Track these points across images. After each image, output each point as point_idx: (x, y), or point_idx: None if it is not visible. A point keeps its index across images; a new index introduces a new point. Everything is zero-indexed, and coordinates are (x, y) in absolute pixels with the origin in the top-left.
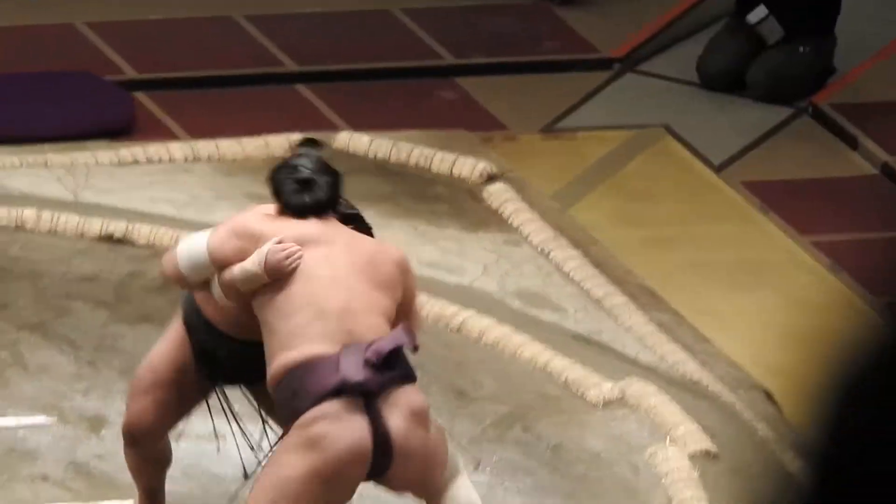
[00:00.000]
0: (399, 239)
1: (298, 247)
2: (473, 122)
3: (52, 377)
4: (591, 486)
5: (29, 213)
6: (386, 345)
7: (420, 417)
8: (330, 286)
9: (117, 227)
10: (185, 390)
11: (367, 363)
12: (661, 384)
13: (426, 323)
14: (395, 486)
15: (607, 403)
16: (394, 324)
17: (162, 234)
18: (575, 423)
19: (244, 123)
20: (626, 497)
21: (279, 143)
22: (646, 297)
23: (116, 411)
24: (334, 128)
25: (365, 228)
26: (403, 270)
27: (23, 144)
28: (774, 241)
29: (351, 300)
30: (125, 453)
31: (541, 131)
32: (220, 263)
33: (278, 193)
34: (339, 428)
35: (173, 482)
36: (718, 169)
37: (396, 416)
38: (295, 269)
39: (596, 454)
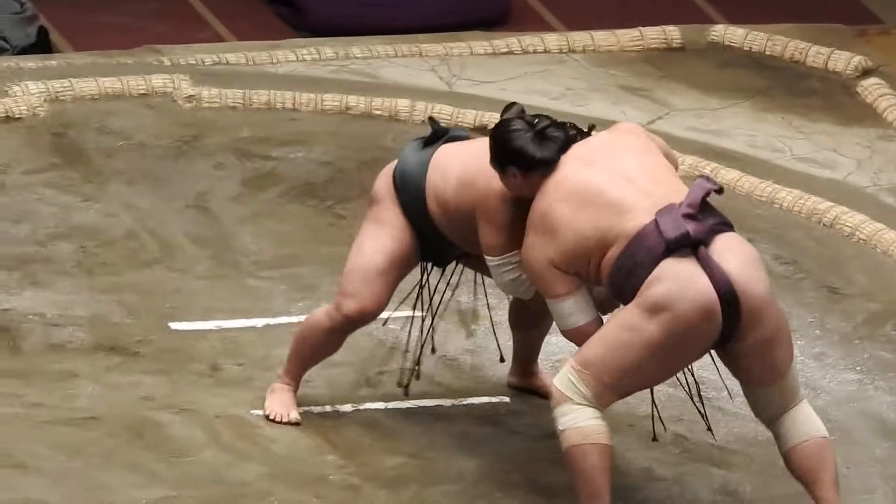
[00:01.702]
0: (772, 132)
1: None
2: (849, 16)
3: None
4: None
5: (403, 104)
6: (697, 194)
7: (756, 260)
8: (610, 176)
9: (492, 118)
10: (406, 269)
11: (686, 216)
12: None
13: (799, 218)
14: (748, 350)
15: None
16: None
17: None
18: None
19: (619, 15)
20: None
21: (654, 35)
22: None
23: (490, 306)
24: (710, 21)
25: None
26: (639, 130)
27: (397, 34)
28: None
29: (635, 175)
30: (328, 340)
31: None
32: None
33: (522, 155)
34: (679, 285)
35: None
36: None
37: (731, 259)
38: None
39: None
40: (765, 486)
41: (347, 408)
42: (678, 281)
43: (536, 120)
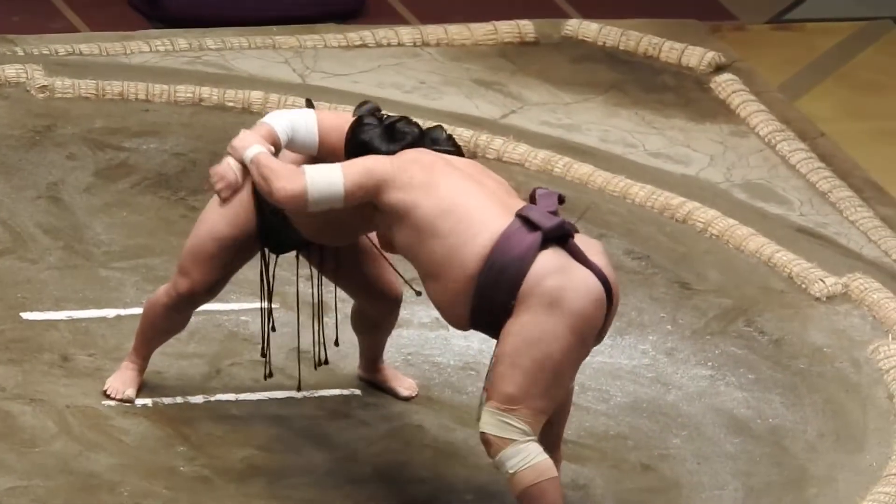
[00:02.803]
0: (625, 127)
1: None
2: (703, 12)
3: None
4: (813, 380)
5: (256, 96)
6: (553, 195)
7: (607, 257)
8: (467, 184)
9: (345, 110)
10: (242, 254)
11: (551, 213)
12: (884, 279)
13: (652, 213)
14: (602, 334)
15: (830, 298)
16: None
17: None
18: (797, 317)
19: (473, 9)
20: (847, 392)
21: (508, 29)
22: (872, 191)
23: (340, 298)
24: (563, 15)
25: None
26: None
27: (251, 27)
28: None
29: (489, 188)
30: (166, 316)
31: (770, 21)
32: (350, 204)
33: (371, 148)
34: (570, 278)
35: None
36: None
37: (595, 257)
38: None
39: (818, 348)
40: (616, 480)
41: (198, 399)
42: (565, 274)
43: (387, 116)
